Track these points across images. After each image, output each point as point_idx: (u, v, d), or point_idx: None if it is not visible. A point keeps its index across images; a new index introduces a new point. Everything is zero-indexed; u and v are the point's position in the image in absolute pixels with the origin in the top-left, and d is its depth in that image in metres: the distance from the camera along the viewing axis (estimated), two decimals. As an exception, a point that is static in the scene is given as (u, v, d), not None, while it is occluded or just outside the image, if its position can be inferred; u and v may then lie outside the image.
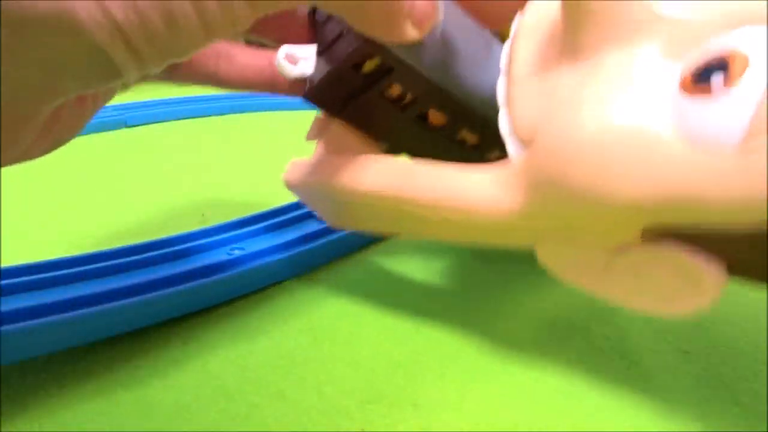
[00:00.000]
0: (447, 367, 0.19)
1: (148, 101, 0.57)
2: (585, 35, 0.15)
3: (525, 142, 0.16)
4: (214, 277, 0.22)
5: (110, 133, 0.49)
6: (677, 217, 0.13)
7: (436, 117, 0.21)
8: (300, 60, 0.20)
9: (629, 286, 0.16)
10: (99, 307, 0.19)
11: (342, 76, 0.19)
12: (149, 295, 0.20)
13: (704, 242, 0.14)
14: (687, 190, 0.12)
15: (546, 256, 0.17)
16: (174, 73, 0.21)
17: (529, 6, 0.18)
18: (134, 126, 0.52)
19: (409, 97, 0.20)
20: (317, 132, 0.23)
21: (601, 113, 0.14)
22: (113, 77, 0.13)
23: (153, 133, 0.50)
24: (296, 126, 0.52)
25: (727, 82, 0.12)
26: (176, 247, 0.24)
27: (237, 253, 0.24)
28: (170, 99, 0.59)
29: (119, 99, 0.60)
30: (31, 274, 0.21)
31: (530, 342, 0.21)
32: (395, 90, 0.20)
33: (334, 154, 0.21)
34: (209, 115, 0.56)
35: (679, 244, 0.14)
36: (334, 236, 0.27)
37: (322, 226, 0.27)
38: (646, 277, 0.15)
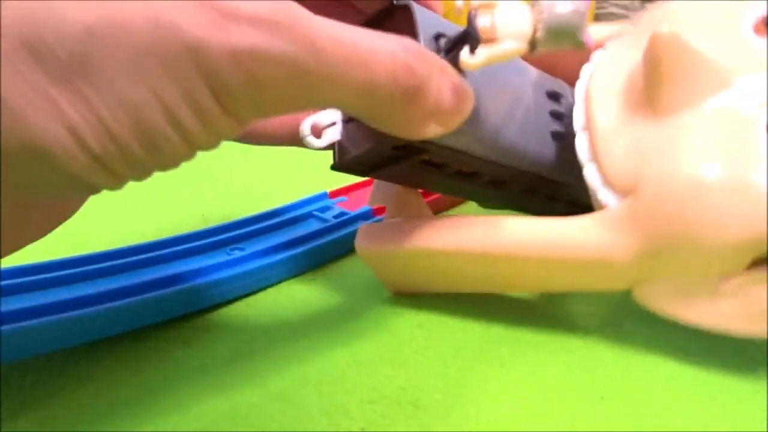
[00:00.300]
0: (447, 367, 0.19)
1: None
2: (667, 93, 0.17)
3: (622, 192, 0.17)
4: (214, 278, 0.22)
5: (109, 133, 0.49)
6: None
7: (469, 169, 0.21)
8: (325, 130, 0.20)
9: (733, 310, 0.17)
10: (99, 307, 0.19)
11: (372, 154, 0.19)
12: (149, 295, 0.20)
13: None
14: None
15: (645, 295, 0.19)
16: None
17: (595, 69, 0.20)
18: (134, 126, 0.52)
19: (442, 161, 0.20)
20: (379, 197, 0.24)
21: (704, 164, 0.16)
22: (91, 192, 0.12)
23: (152, 133, 0.51)
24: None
25: None
26: (176, 248, 0.24)
27: (237, 253, 0.24)
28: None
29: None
30: (31, 274, 0.21)
31: (530, 342, 0.21)
32: (427, 157, 0.20)
33: (405, 217, 0.22)
34: (209, 115, 0.57)
35: None
36: (333, 236, 0.27)
37: (321, 227, 0.27)
38: (749, 297, 0.17)
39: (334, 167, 0.20)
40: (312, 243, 0.26)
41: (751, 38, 0.17)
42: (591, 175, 0.18)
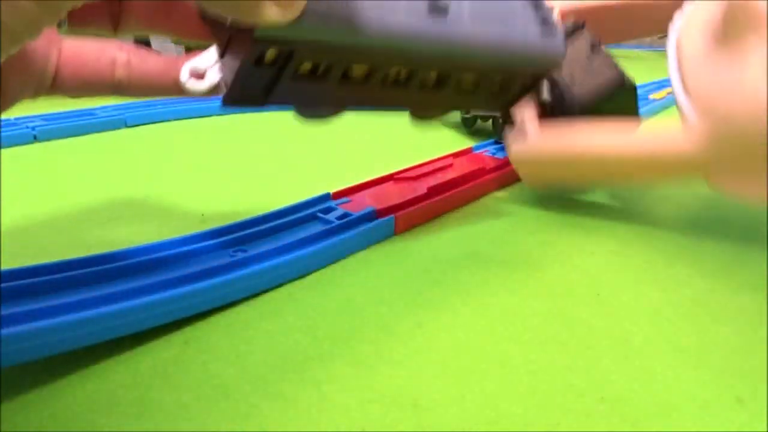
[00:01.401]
0: (447, 366, 0.19)
1: (148, 101, 0.57)
2: (743, 39, 0.25)
3: (701, 109, 0.26)
4: (217, 279, 0.22)
5: (110, 132, 0.49)
6: None
7: (358, 70, 0.21)
8: (206, 71, 0.20)
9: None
10: (101, 310, 0.19)
11: (249, 74, 0.19)
12: (152, 298, 0.20)
13: None
14: None
15: (712, 180, 0.27)
16: (64, 87, 0.20)
17: (685, 16, 0.29)
18: (134, 126, 0.52)
19: (322, 66, 0.20)
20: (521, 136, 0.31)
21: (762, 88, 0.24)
22: None
23: (153, 132, 0.50)
24: (296, 126, 0.52)
25: None
26: (179, 249, 0.24)
27: (240, 255, 0.24)
28: (170, 99, 0.59)
29: (119, 99, 0.60)
30: (32, 276, 0.21)
31: (530, 342, 0.21)
32: (306, 66, 0.19)
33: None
34: (209, 115, 0.56)
35: None
36: (337, 238, 0.27)
37: (324, 228, 0.27)
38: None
39: (223, 103, 0.20)
40: (315, 245, 0.26)
41: None
42: (680, 96, 0.27)
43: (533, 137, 0.30)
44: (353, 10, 0.18)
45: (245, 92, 0.19)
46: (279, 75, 0.19)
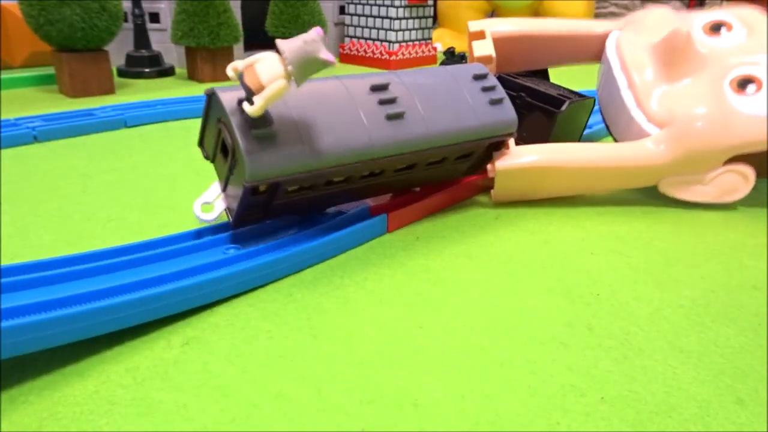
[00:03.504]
0: (447, 366, 0.19)
1: (148, 101, 0.57)
2: (683, 69, 0.35)
3: (659, 125, 0.34)
4: (210, 275, 0.22)
5: (110, 132, 0.49)
6: (746, 150, 0.33)
7: (338, 177, 0.26)
8: (213, 204, 0.26)
9: (712, 190, 0.34)
10: (98, 304, 0.19)
11: (250, 204, 0.24)
12: (147, 292, 0.20)
13: (748, 158, 0.33)
14: (753, 137, 0.32)
15: (665, 186, 0.35)
16: None
17: (621, 48, 0.37)
18: (134, 126, 0.52)
19: (307, 183, 0.25)
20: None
21: (710, 107, 0.33)
22: None
23: (153, 132, 0.50)
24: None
25: (756, 90, 0.33)
26: (173, 246, 0.24)
27: (232, 252, 0.24)
28: (170, 99, 0.59)
29: (119, 99, 0.60)
30: (32, 272, 0.21)
31: (530, 342, 0.21)
32: (293, 186, 0.24)
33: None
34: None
35: (738, 161, 0.33)
36: (331, 236, 0.27)
37: (317, 226, 0.27)
38: (721, 181, 0.34)
39: (233, 227, 0.26)
40: (309, 242, 0.26)
41: (704, 37, 0.36)
42: (638, 115, 0.35)
43: (520, 153, 0.33)
44: (319, 143, 0.24)
45: (248, 215, 0.25)
46: (272, 198, 0.25)
